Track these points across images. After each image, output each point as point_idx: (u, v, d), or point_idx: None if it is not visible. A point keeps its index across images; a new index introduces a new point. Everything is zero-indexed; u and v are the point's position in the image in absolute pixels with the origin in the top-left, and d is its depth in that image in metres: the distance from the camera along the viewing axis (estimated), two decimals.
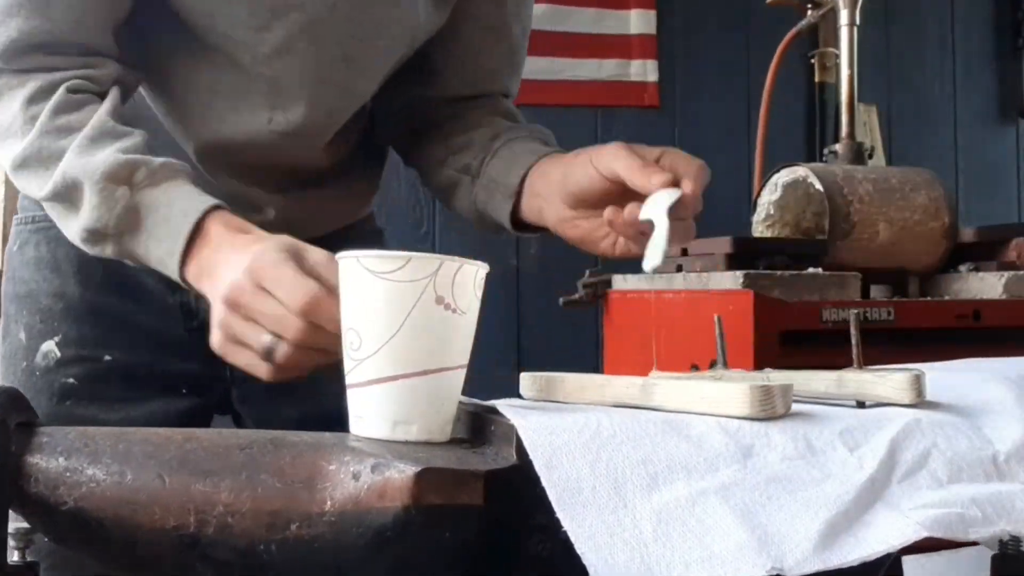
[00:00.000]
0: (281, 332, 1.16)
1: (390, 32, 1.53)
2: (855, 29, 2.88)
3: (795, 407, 1.00)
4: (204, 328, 1.41)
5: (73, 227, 1.35)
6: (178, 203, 1.30)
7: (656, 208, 1.30)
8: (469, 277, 1.00)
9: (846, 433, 0.93)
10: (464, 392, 1.05)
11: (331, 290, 1.11)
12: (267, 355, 1.17)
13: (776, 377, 1.13)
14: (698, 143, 4.30)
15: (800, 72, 4.27)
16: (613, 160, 1.37)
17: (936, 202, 2.64)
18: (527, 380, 1.15)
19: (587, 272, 2.91)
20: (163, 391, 1.59)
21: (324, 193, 1.67)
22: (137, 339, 1.58)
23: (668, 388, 1.00)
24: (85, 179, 1.30)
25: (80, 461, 0.92)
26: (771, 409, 0.95)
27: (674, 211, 1.30)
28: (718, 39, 4.41)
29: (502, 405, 0.99)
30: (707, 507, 0.83)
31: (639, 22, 4.25)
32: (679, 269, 2.59)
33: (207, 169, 1.54)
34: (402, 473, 0.85)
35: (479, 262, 1.02)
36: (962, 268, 2.63)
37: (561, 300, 2.92)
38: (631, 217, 1.33)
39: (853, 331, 1.13)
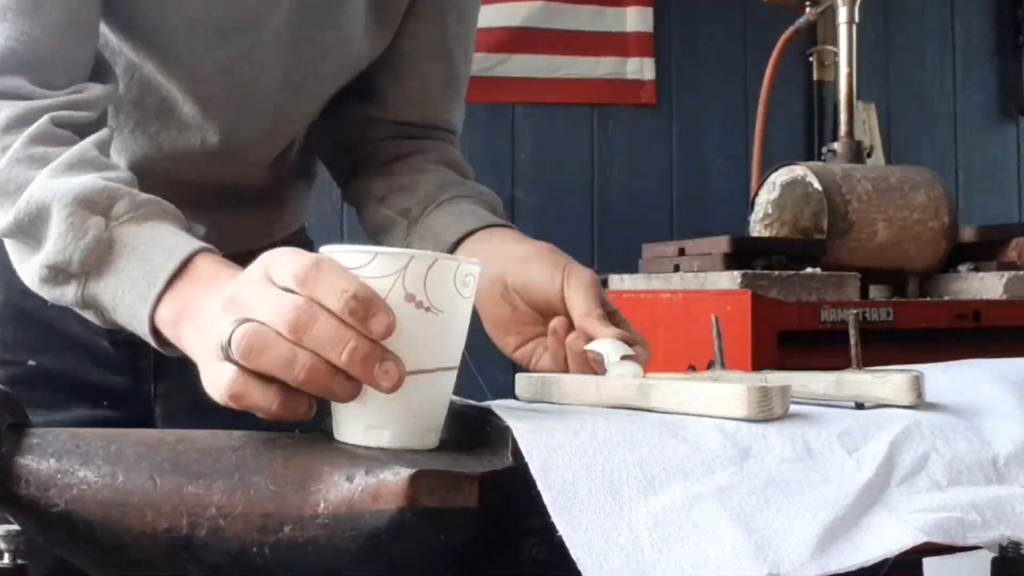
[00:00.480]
0: (269, 319, 0.91)
1: (333, 56, 1.51)
2: (854, 27, 2.89)
3: (793, 408, 1.00)
4: (129, 343, 1.39)
5: (32, 264, 1.18)
6: (163, 242, 1.12)
7: (606, 347, 1.19)
8: (446, 274, 0.94)
9: (845, 435, 0.93)
10: (459, 393, 1.04)
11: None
12: (226, 353, 0.92)
13: (774, 378, 1.12)
14: (695, 142, 4.32)
15: (798, 70, 4.27)
16: (583, 298, 1.26)
17: (936, 201, 2.64)
18: (523, 381, 1.15)
19: None
20: (84, 400, 1.55)
21: (258, 210, 1.64)
22: (62, 346, 1.54)
23: (665, 389, 1.00)
24: (54, 202, 1.14)
25: (71, 463, 0.91)
26: (769, 410, 0.95)
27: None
28: (716, 37, 4.42)
29: (497, 406, 0.99)
30: (703, 511, 0.83)
31: (636, 19, 4.26)
32: (676, 269, 2.59)
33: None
34: (396, 475, 0.85)
35: (463, 258, 0.96)
36: (962, 268, 2.63)
37: None
38: (576, 344, 1.23)
39: (852, 332, 1.13)
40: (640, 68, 4.27)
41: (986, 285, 2.54)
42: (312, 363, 0.90)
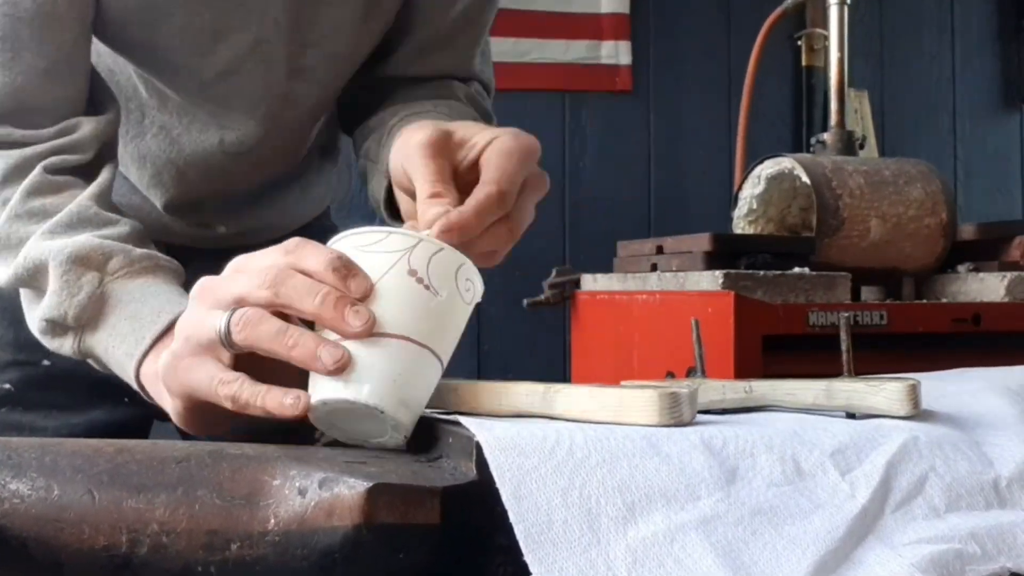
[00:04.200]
0: (249, 289, 1.01)
1: (336, 36, 1.52)
2: (845, 8, 2.89)
3: (783, 419, 1.00)
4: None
5: (34, 316, 1.29)
6: (153, 301, 1.22)
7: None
8: (450, 265, 1.02)
9: (838, 454, 0.93)
10: None
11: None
12: (225, 337, 1.00)
13: (758, 387, 1.13)
14: (674, 132, 4.32)
15: (786, 55, 4.29)
16: (493, 168, 1.15)
17: (933, 196, 2.65)
18: None
19: (554, 271, 2.91)
20: (104, 398, 1.60)
21: (282, 196, 1.69)
22: None
23: (571, 396, 1.01)
24: (49, 259, 1.25)
25: (2, 475, 0.91)
26: (679, 416, 0.96)
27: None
28: (696, 19, 4.42)
29: (463, 416, 0.99)
30: (686, 544, 0.82)
31: (611, 0, 4.25)
32: (654, 268, 2.59)
33: (158, 184, 1.58)
34: (352, 489, 0.85)
35: (468, 258, 1.04)
36: (961, 268, 2.64)
37: (525, 301, 2.92)
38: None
39: (843, 336, 1.14)
40: (615, 52, 4.27)
41: (987, 286, 2.55)
42: (300, 332, 0.98)
